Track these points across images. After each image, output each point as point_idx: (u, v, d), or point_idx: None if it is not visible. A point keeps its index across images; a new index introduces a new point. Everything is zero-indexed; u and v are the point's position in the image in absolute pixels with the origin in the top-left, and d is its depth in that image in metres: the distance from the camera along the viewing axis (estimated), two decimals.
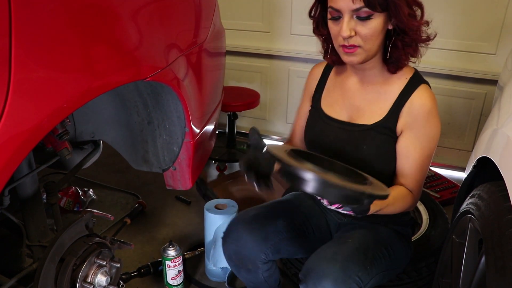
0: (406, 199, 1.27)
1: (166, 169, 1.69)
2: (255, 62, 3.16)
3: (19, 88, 0.82)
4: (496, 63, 2.54)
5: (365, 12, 1.14)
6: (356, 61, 1.22)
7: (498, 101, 1.46)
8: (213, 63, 1.83)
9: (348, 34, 1.16)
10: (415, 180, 1.30)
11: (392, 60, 1.25)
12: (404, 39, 1.21)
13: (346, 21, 1.16)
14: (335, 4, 1.17)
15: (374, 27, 1.16)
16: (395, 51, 1.24)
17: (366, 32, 1.17)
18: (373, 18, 1.15)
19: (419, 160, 1.27)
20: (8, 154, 0.82)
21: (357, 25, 1.17)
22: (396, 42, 1.22)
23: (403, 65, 1.27)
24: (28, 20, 0.84)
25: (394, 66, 1.26)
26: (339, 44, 1.22)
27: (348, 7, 1.14)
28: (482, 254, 1.04)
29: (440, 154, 2.90)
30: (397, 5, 1.14)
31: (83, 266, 1.26)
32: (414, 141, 1.27)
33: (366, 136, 1.31)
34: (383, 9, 1.15)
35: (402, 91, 1.28)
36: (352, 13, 1.15)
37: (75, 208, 2.30)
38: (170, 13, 1.38)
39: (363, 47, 1.19)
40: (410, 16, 1.18)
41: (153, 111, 1.54)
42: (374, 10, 1.14)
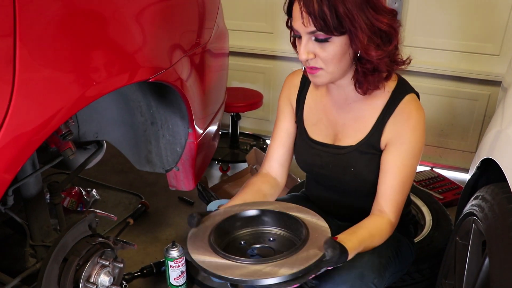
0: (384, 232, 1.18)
1: (169, 169, 1.69)
2: (258, 63, 3.16)
3: (23, 89, 0.82)
4: (500, 64, 2.53)
5: (322, 35, 1.06)
6: (320, 82, 1.15)
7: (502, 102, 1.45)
8: (217, 64, 1.83)
9: (306, 58, 1.10)
10: (394, 202, 1.19)
11: (357, 84, 1.17)
12: (365, 66, 1.12)
13: (304, 43, 1.10)
14: (293, 24, 1.11)
15: (333, 50, 1.08)
16: (356, 76, 1.16)
17: (325, 55, 1.09)
18: (331, 42, 1.07)
19: (400, 177, 1.18)
20: (13, 154, 0.83)
21: (316, 47, 1.09)
22: (357, 68, 1.14)
23: (371, 90, 1.17)
24: (32, 20, 0.85)
25: (361, 91, 1.18)
26: (303, 64, 1.16)
27: (303, 29, 1.08)
28: (485, 255, 1.04)
29: (444, 155, 2.89)
30: (353, 32, 1.05)
31: (86, 266, 1.27)
32: (396, 157, 1.19)
33: (351, 158, 1.25)
34: (341, 33, 1.06)
35: (385, 105, 1.20)
36: (309, 35, 1.08)
37: (78, 208, 2.31)
38: (174, 14, 1.38)
39: (325, 69, 1.12)
40: (370, 42, 1.07)
41: (156, 112, 1.55)
42: (331, 34, 1.06)
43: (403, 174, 1.18)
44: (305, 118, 1.34)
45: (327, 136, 1.30)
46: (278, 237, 1.11)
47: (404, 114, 1.18)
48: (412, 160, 1.19)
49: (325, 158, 1.29)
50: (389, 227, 1.19)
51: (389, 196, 1.19)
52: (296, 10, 1.08)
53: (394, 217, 1.20)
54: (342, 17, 1.03)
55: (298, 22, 1.07)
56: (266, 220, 1.14)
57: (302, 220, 1.07)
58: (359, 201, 1.32)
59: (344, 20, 1.03)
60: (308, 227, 1.04)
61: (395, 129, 1.19)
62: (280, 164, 1.38)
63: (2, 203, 1.36)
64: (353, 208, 1.35)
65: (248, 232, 1.13)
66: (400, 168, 1.18)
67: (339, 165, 1.27)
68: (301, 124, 1.34)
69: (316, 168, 1.32)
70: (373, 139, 1.22)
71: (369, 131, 1.23)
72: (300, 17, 1.06)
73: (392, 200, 1.19)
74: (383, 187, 1.20)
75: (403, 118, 1.18)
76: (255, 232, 1.13)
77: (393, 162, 1.19)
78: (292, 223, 1.09)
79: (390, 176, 1.19)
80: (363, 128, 1.24)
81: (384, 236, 1.17)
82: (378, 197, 1.21)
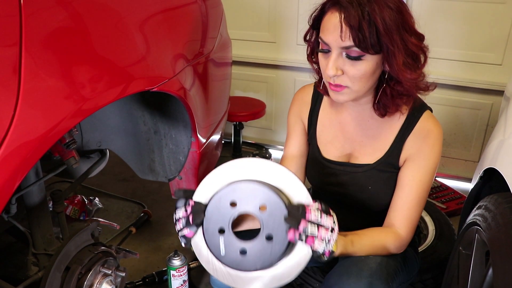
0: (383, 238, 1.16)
1: (172, 178, 1.69)
2: (261, 72, 3.17)
3: (28, 97, 0.83)
4: (502, 73, 2.53)
5: (355, 52, 1.02)
6: (343, 100, 1.11)
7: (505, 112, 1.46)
8: (220, 73, 1.84)
9: (334, 74, 1.05)
10: (407, 217, 1.18)
11: (380, 105, 1.15)
12: (395, 88, 1.10)
13: (333, 59, 1.05)
14: (324, 36, 1.06)
15: (364, 69, 1.04)
16: (383, 97, 1.13)
17: (354, 73, 1.05)
18: (364, 60, 1.03)
19: (416, 193, 1.18)
20: (17, 162, 0.83)
21: (346, 64, 1.05)
22: (386, 89, 1.11)
23: (392, 112, 1.16)
24: (38, 30, 0.85)
25: (382, 112, 1.16)
26: (326, 79, 1.12)
27: (337, 43, 1.03)
28: (489, 266, 1.03)
29: (446, 164, 2.89)
30: (391, 52, 1.02)
31: (88, 275, 1.27)
32: (414, 172, 1.18)
33: (370, 176, 1.23)
34: (376, 52, 1.02)
35: (404, 122, 1.19)
36: (341, 50, 1.04)
37: (81, 217, 2.31)
38: (178, 24, 1.39)
39: (351, 87, 1.08)
40: (405, 65, 1.04)
41: (159, 121, 1.55)
42: (366, 52, 1.02)
43: (419, 190, 1.18)
44: (319, 136, 1.32)
45: (342, 154, 1.29)
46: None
47: (424, 131, 1.17)
48: (429, 176, 1.18)
49: (341, 176, 1.27)
50: (394, 239, 1.17)
51: (403, 211, 1.19)
52: (329, 22, 1.04)
53: (406, 232, 1.19)
54: (382, 35, 1.00)
55: (332, 35, 1.03)
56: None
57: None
58: (370, 217, 1.31)
59: (383, 37, 1.00)
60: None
61: (414, 146, 1.18)
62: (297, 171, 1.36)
63: (6, 211, 1.36)
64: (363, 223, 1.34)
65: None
66: (417, 184, 1.18)
67: (356, 183, 1.25)
68: (314, 142, 1.32)
69: (331, 187, 1.30)
70: (392, 158, 1.21)
71: (387, 149, 1.22)
72: (337, 30, 1.01)
73: (405, 215, 1.18)
74: (397, 202, 1.20)
75: (423, 135, 1.17)
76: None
77: (411, 177, 1.18)
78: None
79: (407, 191, 1.18)
80: (382, 146, 1.23)
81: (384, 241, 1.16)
82: (391, 211, 1.21)
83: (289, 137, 1.37)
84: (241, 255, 0.98)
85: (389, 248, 1.17)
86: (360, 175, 1.25)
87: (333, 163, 1.29)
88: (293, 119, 1.36)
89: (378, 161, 1.23)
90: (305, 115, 1.34)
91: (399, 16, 1.02)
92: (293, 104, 1.36)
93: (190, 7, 1.50)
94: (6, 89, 0.80)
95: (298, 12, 2.87)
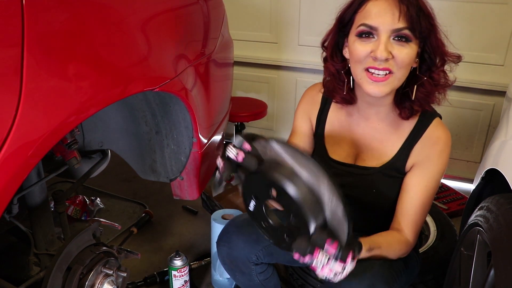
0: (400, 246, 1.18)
1: (173, 178, 1.69)
2: (262, 73, 3.17)
3: (30, 98, 0.83)
4: (504, 74, 2.53)
5: (405, 35, 1.05)
6: (383, 93, 1.09)
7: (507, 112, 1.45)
8: (221, 74, 1.84)
9: (386, 56, 1.05)
10: (414, 222, 1.20)
11: (417, 100, 1.15)
12: (432, 76, 1.13)
13: (384, 41, 1.04)
14: (370, 20, 1.06)
15: (410, 54, 1.07)
16: (421, 91, 1.14)
17: (403, 58, 1.06)
18: (411, 44, 1.06)
19: (422, 199, 1.19)
20: (18, 162, 0.83)
21: (394, 48, 1.06)
22: (423, 82, 1.13)
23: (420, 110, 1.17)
24: (40, 30, 0.86)
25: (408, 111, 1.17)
26: (364, 66, 1.09)
27: (389, 25, 1.04)
28: (491, 267, 1.03)
29: (448, 165, 2.88)
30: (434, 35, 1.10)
31: (90, 275, 1.27)
32: (420, 178, 1.19)
33: (375, 179, 1.24)
34: (421, 37, 1.07)
35: (414, 128, 1.20)
36: (391, 33, 1.05)
37: (82, 217, 2.31)
38: (179, 25, 1.39)
39: (396, 74, 1.08)
40: (443, 46, 1.14)
41: (161, 121, 1.55)
42: (414, 35, 1.05)
43: (425, 195, 1.19)
44: (326, 136, 1.32)
45: (348, 156, 1.29)
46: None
47: (433, 138, 1.19)
48: (435, 182, 1.20)
49: (346, 178, 1.28)
50: (404, 244, 1.19)
51: (409, 216, 1.20)
52: (377, 6, 1.06)
53: (412, 238, 1.21)
54: (431, 19, 1.07)
55: (383, 18, 1.04)
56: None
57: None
58: (374, 218, 1.31)
59: (432, 21, 1.07)
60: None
61: (422, 153, 1.19)
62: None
63: (7, 211, 1.36)
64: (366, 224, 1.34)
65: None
66: (423, 190, 1.19)
67: (361, 186, 1.26)
68: (321, 142, 1.33)
69: None
70: (398, 163, 1.22)
71: (394, 154, 1.23)
72: (389, 12, 1.04)
73: (412, 220, 1.20)
74: (404, 206, 1.21)
75: (431, 142, 1.18)
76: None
77: (417, 183, 1.19)
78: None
79: (413, 196, 1.19)
80: (389, 151, 1.23)
81: (398, 251, 1.18)
82: (398, 216, 1.22)
83: (294, 133, 1.38)
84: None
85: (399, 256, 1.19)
86: (365, 178, 1.25)
87: (339, 163, 1.29)
88: (300, 116, 1.37)
89: (384, 165, 1.24)
90: (314, 114, 1.34)
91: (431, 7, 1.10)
92: (303, 102, 1.37)
93: (191, 8, 1.50)
94: (8, 90, 0.80)
95: (299, 13, 2.87)
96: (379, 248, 1.12)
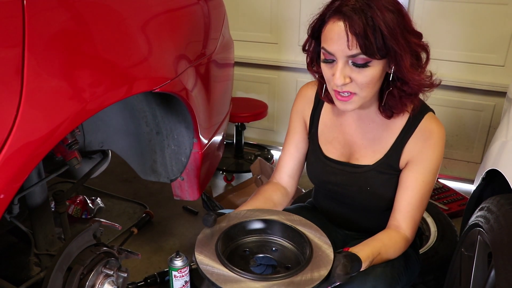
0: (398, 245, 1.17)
1: (174, 179, 1.69)
2: (263, 73, 3.17)
3: (31, 98, 0.83)
4: (504, 75, 2.53)
5: (362, 59, 1.01)
6: (351, 108, 1.10)
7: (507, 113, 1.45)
8: (222, 74, 1.84)
9: (342, 82, 1.04)
10: (412, 218, 1.19)
11: (386, 107, 1.15)
12: (402, 88, 1.10)
13: (340, 68, 1.04)
14: (328, 46, 1.04)
15: (371, 75, 1.04)
16: (391, 99, 1.13)
17: (362, 80, 1.04)
18: (371, 66, 1.03)
19: (419, 194, 1.18)
20: (20, 163, 0.83)
21: (353, 72, 1.04)
22: (393, 91, 1.11)
23: (399, 113, 1.16)
24: (41, 30, 0.86)
25: (388, 114, 1.16)
26: (332, 88, 1.10)
27: (343, 52, 1.02)
28: (491, 267, 1.03)
29: (449, 166, 2.88)
30: (399, 55, 1.02)
31: (90, 275, 1.27)
32: (416, 174, 1.18)
33: (369, 177, 1.24)
34: (383, 56, 1.02)
35: (405, 125, 1.19)
36: (347, 58, 1.03)
37: (83, 215, 2.31)
38: (180, 25, 1.39)
39: (359, 94, 1.07)
40: (413, 67, 1.05)
41: (161, 122, 1.55)
42: (373, 58, 1.01)
43: (423, 191, 1.19)
44: (320, 135, 1.32)
45: (342, 155, 1.29)
46: (281, 248, 1.13)
47: (426, 132, 1.17)
48: (431, 177, 1.19)
49: (340, 176, 1.28)
50: (404, 242, 1.19)
51: (407, 212, 1.19)
52: (332, 32, 1.03)
53: (410, 234, 1.20)
54: (387, 39, 0.99)
55: (337, 44, 1.02)
56: (271, 230, 1.16)
57: (307, 236, 1.09)
58: (370, 216, 1.32)
59: (389, 41, 1.00)
60: (312, 244, 1.06)
61: (416, 148, 1.18)
62: (290, 177, 1.38)
63: (8, 212, 1.36)
64: (363, 222, 1.35)
65: (253, 240, 1.15)
66: (420, 185, 1.18)
67: (355, 184, 1.26)
68: (315, 141, 1.33)
69: (330, 185, 1.31)
70: (391, 160, 1.21)
71: (387, 151, 1.22)
72: (342, 39, 1.00)
73: (410, 216, 1.19)
74: (401, 203, 1.20)
75: (425, 136, 1.17)
76: (261, 240, 1.15)
77: (413, 179, 1.18)
78: (296, 237, 1.11)
79: (410, 192, 1.19)
80: (382, 148, 1.23)
81: (398, 250, 1.17)
82: (395, 212, 1.21)
83: (289, 133, 1.38)
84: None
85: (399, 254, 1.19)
86: (359, 176, 1.25)
87: (333, 162, 1.29)
88: (295, 115, 1.36)
89: (377, 163, 1.23)
90: (308, 113, 1.34)
91: (399, 18, 1.02)
92: (297, 101, 1.36)
93: (192, 8, 1.51)
94: (9, 90, 0.80)
95: (300, 13, 2.87)
96: (378, 255, 1.11)
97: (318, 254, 1.03)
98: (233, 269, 0.98)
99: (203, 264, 1.00)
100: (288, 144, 1.38)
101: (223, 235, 1.09)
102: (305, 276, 0.96)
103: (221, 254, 1.02)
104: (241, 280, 0.95)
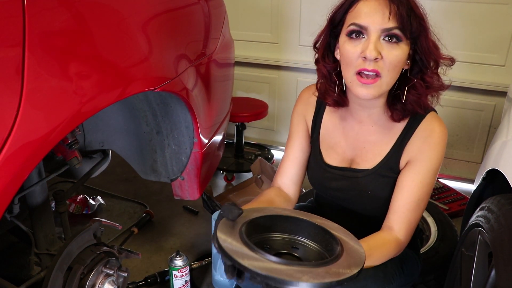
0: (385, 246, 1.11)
1: (174, 179, 1.70)
2: (263, 73, 3.17)
3: (31, 98, 0.83)
4: (505, 74, 2.53)
5: (396, 35, 1.03)
6: (372, 95, 1.07)
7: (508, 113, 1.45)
8: (222, 74, 1.84)
9: (375, 56, 1.02)
10: (406, 220, 1.14)
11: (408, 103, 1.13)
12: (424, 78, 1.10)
13: (373, 40, 1.03)
14: (361, 19, 1.04)
15: (400, 55, 1.04)
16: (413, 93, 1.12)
17: (392, 58, 1.04)
18: (401, 44, 1.04)
19: (416, 195, 1.14)
20: (20, 162, 0.83)
21: (384, 49, 1.03)
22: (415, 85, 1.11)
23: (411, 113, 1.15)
24: (41, 30, 0.86)
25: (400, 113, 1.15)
26: (355, 70, 1.07)
27: (379, 24, 1.02)
28: (491, 267, 1.03)
29: (449, 165, 2.88)
30: (426, 30, 1.08)
31: (90, 275, 1.27)
32: (415, 174, 1.15)
33: (369, 181, 1.22)
34: (412, 37, 1.05)
35: (406, 126, 1.18)
36: (381, 33, 1.03)
37: (84, 212, 2.32)
38: (180, 25, 1.39)
39: (384, 78, 1.05)
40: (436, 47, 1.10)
41: (162, 121, 1.55)
42: (405, 35, 1.03)
43: (420, 192, 1.14)
44: (321, 140, 1.30)
45: (343, 160, 1.27)
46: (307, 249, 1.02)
47: (426, 131, 1.15)
48: (430, 178, 1.15)
49: (341, 181, 1.26)
50: (394, 245, 1.13)
51: (402, 213, 1.15)
52: (367, 6, 1.05)
53: (404, 236, 1.15)
54: (418, 19, 1.06)
55: (373, 18, 1.03)
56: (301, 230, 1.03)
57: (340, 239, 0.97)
58: (372, 220, 1.30)
59: (422, 21, 1.06)
60: (344, 247, 0.94)
61: (415, 147, 1.16)
62: (292, 182, 1.35)
63: (8, 211, 1.36)
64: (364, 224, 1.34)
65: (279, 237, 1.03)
66: (418, 186, 1.14)
67: (356, 188, 1.24)
68: (317, 146, 1.31)
69: (331, 191, 1.29)
70: (391, 161, 1.19)
71: (387, 153, 1.20)
72: (379, 12, 1.03)
73: (404, 218, 1.14)
74: (397, 204, 1.16)
75: (424, 135, 1.15)
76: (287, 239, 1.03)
77: (411, 179, 1.15)
78: (328, 241, 0.99)
79: (406, 193, 1.15)
80: (382, 151, 1.21)
81: (386, 252, 1.12)
82: (390, 213, 1.17)
83: (291, 136, 1.36)
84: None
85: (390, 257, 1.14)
86: (359, 180, 1.23)
87: (333, 168, 1.28)
88: (297, 119, 1.35)
89: (377, 166, 1.21)
90: (310, 117, 1.33)
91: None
92: (298, 104, 1.35)
93: (192, 8, 1.51)
94: (9, 89, 0.80)
95: (300, 13, 2.87)
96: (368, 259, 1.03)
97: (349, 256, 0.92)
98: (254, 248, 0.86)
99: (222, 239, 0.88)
100: (290, 148, 1.35)
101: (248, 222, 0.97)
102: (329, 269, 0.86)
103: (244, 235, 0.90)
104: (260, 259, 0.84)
